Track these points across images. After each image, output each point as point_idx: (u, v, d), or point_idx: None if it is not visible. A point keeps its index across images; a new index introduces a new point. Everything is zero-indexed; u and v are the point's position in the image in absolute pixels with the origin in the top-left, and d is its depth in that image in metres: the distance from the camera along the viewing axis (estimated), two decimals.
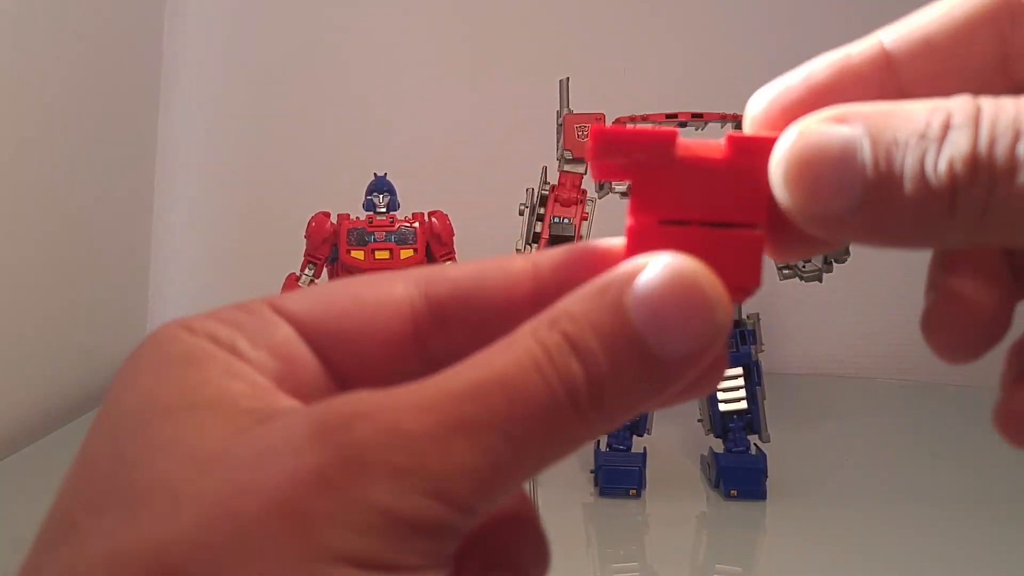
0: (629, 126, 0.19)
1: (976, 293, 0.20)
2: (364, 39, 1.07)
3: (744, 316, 0.70)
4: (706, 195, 0.20)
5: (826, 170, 0.17)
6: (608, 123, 0.71)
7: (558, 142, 0.72)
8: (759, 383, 0.69)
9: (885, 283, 1.00)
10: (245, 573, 0.16)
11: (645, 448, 0.69)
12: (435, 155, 1.04)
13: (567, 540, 0.63)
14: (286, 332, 0.20)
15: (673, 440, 0.77)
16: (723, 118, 0.70)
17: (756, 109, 0.20)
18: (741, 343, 0.69)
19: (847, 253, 0.69)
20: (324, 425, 0.17)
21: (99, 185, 0.94)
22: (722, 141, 0.20)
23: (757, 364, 0.69)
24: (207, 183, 1.09)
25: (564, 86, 0.72)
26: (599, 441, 0.69)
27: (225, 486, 0.16)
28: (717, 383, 0.20)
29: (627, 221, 0.20)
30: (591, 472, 0.70)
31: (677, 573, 0.61)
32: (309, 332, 0.20)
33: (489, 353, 0.18)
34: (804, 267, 0.69)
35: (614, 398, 0.17)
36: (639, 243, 0.20)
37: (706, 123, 0.70)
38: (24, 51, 0.78)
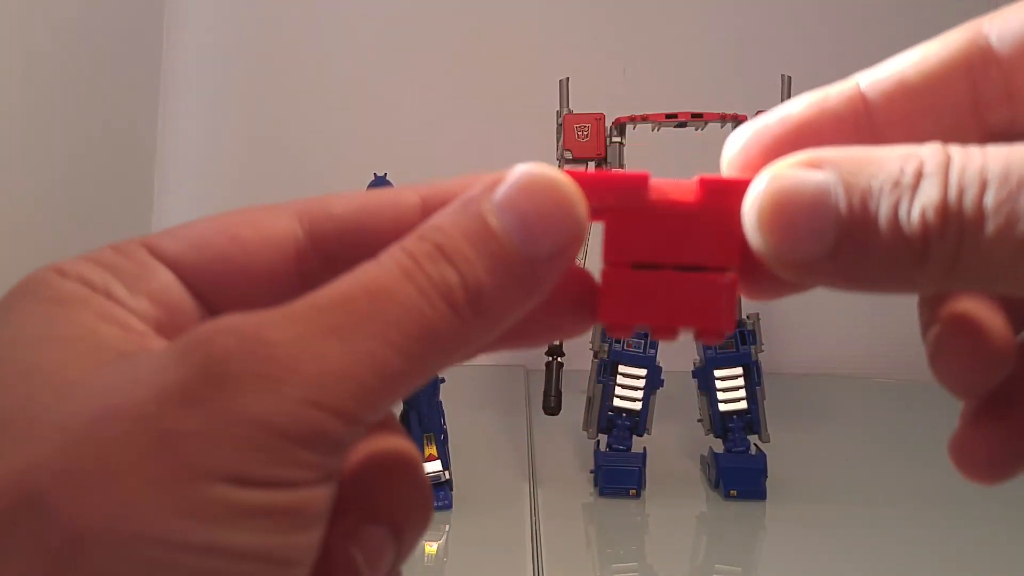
0: (600, 170, 0.19)
1: (984, 320, 0.20)
2: (363, 39, 1.07)
3: (744, 316, 0.70)
4: (679, 238, 0.20)
5: (800, 215, 0.17)
6: (608, 123, 0.71)
7: (558, 142, 0.72)
8: (759, 383, 0.69)
9: None
10: (111, 498, 0.15)
11: (645, 448, 0.69)
12: (435, 155, 1.04)
13: (567, 540, 0.63)
14: (165, 278, 0.20)
15: (673, 440, 0.77)
16: (723, 118, 0.70)
17: (733, 149, 0.20)
18: (741, 343, 0.69)
19: None
20: (187, 344, 0.16)
21: (98, 185, 0.93)
22: (694, 182, 0.20)
23: (757, 364, 0.69)
24: (206, 184, 1.09)
25: (564, 86, 0.72)
26: (599, 441, 0.69)
27: (88, 410, 0.16)
28: (587, 326, 0.20)
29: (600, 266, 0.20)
30: (591, 472, 0.70)
31: (677, 573, 0.61)
32: (188, 275, 0.20)
33: (357, 268, 0.18)
34: None
35: (492, 299, 0.18)
36: (612, 288, 0.20)
37: (706, 123, 0.70)
38: (21, 50, 0.78)
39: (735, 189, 0.19)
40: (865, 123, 0.20)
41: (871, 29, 1.02)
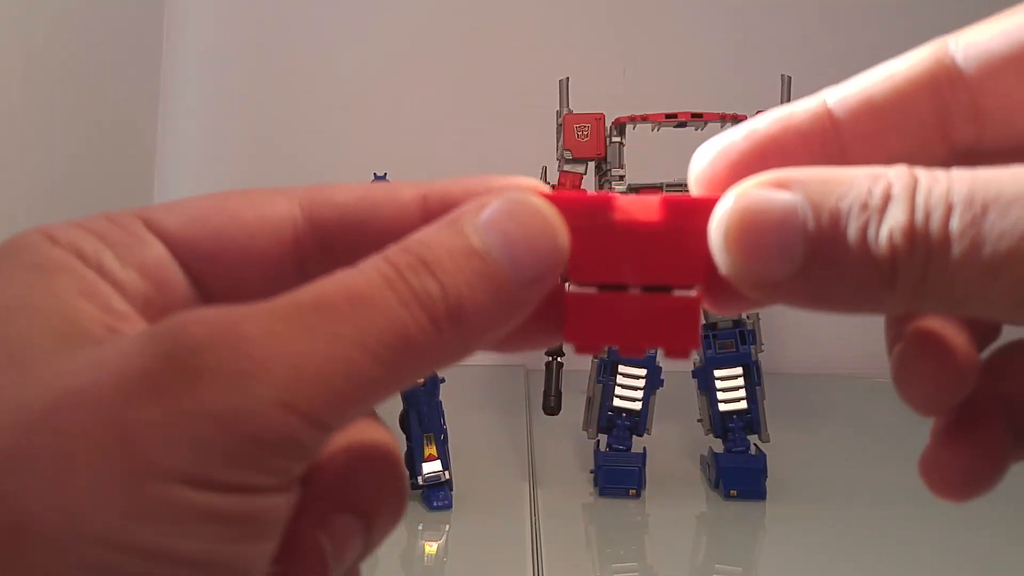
0: (568, 190, 0.20)
1: (947, 339, 0.20)
2: (364, 39, 1.07)
3: (744, 316, 0.70)
4: (643, 258, 0.20)
5: (767, 236, 0.17)
6: (608, 123, 0.70)
7: (558, 142, 0.72)
8: (759, 383, 0.69)
9: None
10: (59, 491, 0.14)
11: (645, 448, 0.68)
12: (435, 155, 1.04)
13: (567, 541, 0.63)
14: (158, 252, 0.19)
15: (673, 440, 0.77)
16: (723, 118, 0.70)
17: (699, 165, 0.20)
18: (741, 343, 0.69)
19: None
20: (158, 331, 0.16)
21: (97, 185, 0.93)
22: (657, 201, 0.20)
23: (757, 364, 0.69)
24: (206, 184, 1.09)
25: (564, 86, 0.72)
26: (598, 441, 0.69)
27: (49, 392, 0.15)
28: (557, 340, 0.21)
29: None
30: (591, 472, 0.70)
31: (677, 573, 0.61)
32: (182, 251, 0.20)
33: (338, 273, 0.17)
34: None
35: (472, 315, 0.17)
36: (577, 310, 0.20)
37: (706, 123, 0.70)
38: (21, 50, 0.78)
39: (698, 208, 0.19)
40: (832, 140, 0.20)
41: (871, 29, 1.02)
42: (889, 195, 0.17)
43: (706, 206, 0.19)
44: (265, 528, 0.16)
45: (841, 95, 0.20)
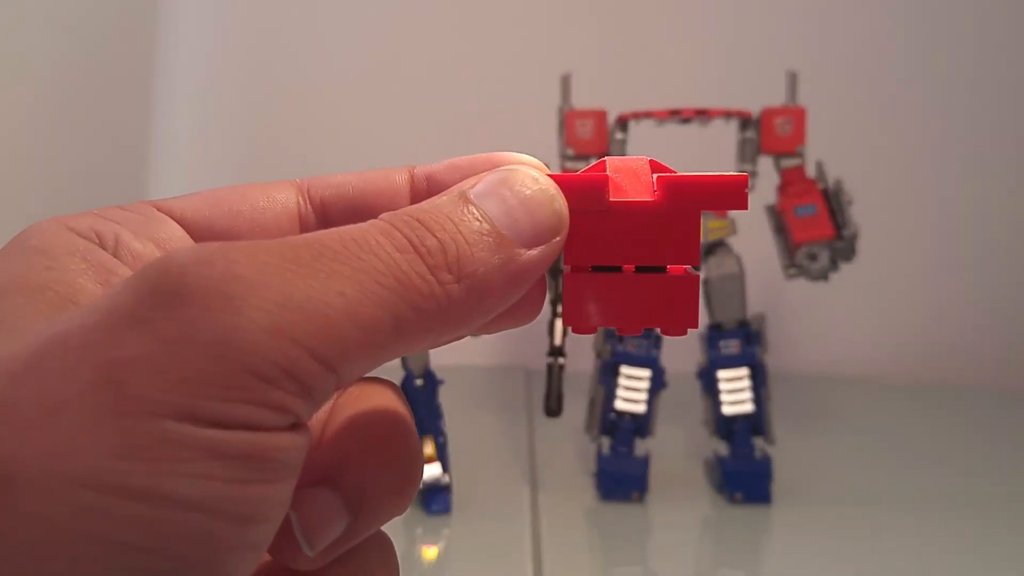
0: (562, 172, 0.20)
1: None
2: (361, 37, 1.06)
3: (749, 317, 0.69)
4: (639, 239, 0.20)
5: None
6: (611, 119, 0.69)
7: (559, 139, 0.71)
8: (765, 385, 0.68)
9: (892, 283, 0.99)
10: (47, 434, 0.14)
11: (648, 451, 0.67)
12: (435, 152, 1.02)
13: (568, 545, 0.62)
14: (172, 228, 0.20)
15: (677, 443, 0.76)
16: (727, 114, 0.68)
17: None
18: (746, 343, 0.68)
19: (853, 252, 0.68)
20: (144, 268, 0.15)
21: (89, 187, 0.92)
22: (653, 180, 0.20)
23: (763, 365, 0.68)
24: (198, 185, 1.08)
25: (566, 82, 0.71)
26: (601, 444, 0.68)
27: (35, 342, 0.14)
28: (537, 312, 0.21)
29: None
30: (593, 476, 0.69)
31: None
32: (196, 230, 0.20)
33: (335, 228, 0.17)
34: (811, 267, 0.68)
35: (476, 271, 0.17)
36: (574, 291, 0.20)
37: (710, 119, 0.69)
38: (14, 50, 0.77)
39: (693, 186, 0.19)
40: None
41: (877, 25, 1.00)
42: None
43: (701, 184, 0.19)
44: (270, 470, 0.15)
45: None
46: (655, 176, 0.20)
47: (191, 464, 0.14)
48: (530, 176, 0.19)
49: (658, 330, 0.20)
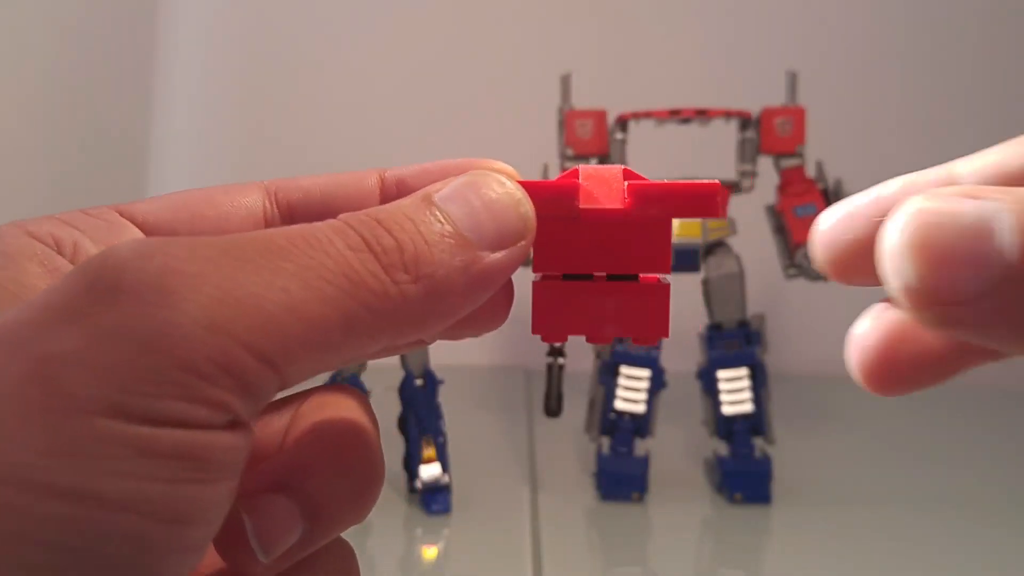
0: (562, 172, 0.19)
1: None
2: (361, 36, 1.06)
3: (749, 316, 0.69)
4: (610, 247, 0.20)
5: (958, 242, 0.15)
6: (610, 119, 0.69)
7: (559, 139, 0.70)
8: (764, 385, 0.68)
9: None
10: None
11: (648, 451, 0.67)
12: (435, 151, 1.03)
13: (568, 546, 0.62)
14: (133, 234, 0.19)
15: (677, 443, 0.76)
16: (727, 114, 0.68)
17: (824, 228, 0.19)
18: (746, 343, 0.67)
19: None
20: (84, 263, 0.15)
21: (89, 186, 0.92)
22: (623, 187, 0.19)
23: (762, 365, 0.68)
24: (198, 184, 1.08)
25: (566, 82, 0.71)
26: (601, 444, 0.68)
27: None
28: (501, 322, 0.21)
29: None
30: (593, 476, 0.69)
31: None
32: (158, 235, 0.20)
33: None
34: (810, 267, 0.68)
35: (434, 272, 0.17)
36: (543, 299, 0.20)
37: (710, 119, 0.69)
38: (13, 48, 0.77)
39: (665, 194, 0.19)
40: None
41: (877, 26, 1.00)
42: None
43: (673, 191, 0.19)
44: (205, 469, 0.14)
45: (973, 167, 0.19)
46: (626, 184, 0.19)
47: (121, 462, 0.13)
48: (497, 180, 0.19)
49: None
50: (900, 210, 0.16)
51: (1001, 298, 0.15)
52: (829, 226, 0.19)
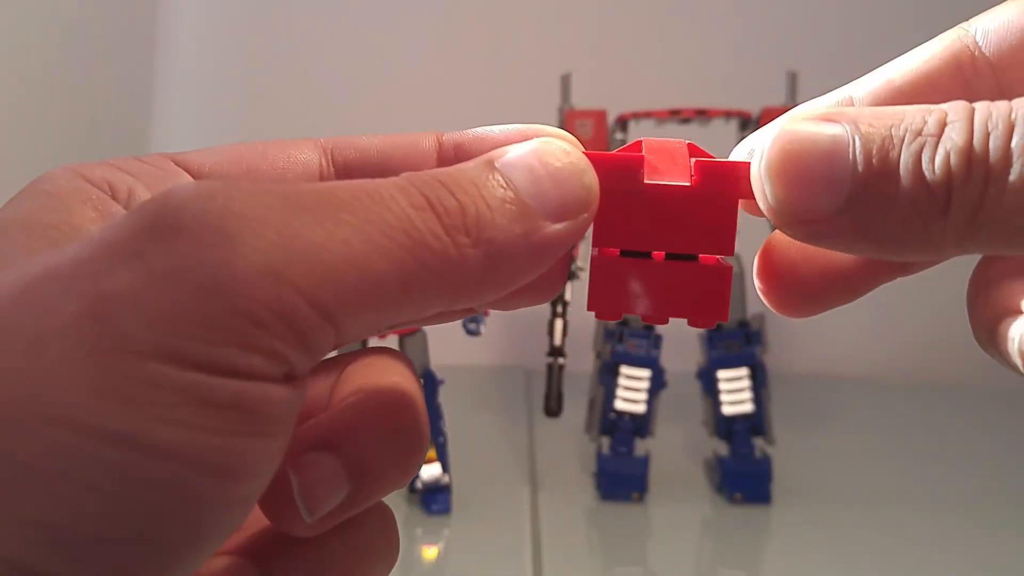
0: (598, 151, 0.19)
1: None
2: (362, 33, 1.06)
3: (749, 316, 0.69)
4: (672, 224, 0.19)
5: (813, 165, 0.17)
6: (610, 119, 0.69)
7: None
8: (764, 385, 0.68)
9: (892, 283, 0.99)
10: (25, 369, 0.13)
11: (648, 451, 0.67)
12: None
13: (568, 546, 0.62)
14: (188, 181, 0.19)
15: (677, 443, 0.76)
16: (727, 114, 0.68)
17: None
18: (746, 344, 0.67)
19: None
20: (144, 202, 0.14)
21: None
22: (691, 164, 0.19)
23: (762, 365, 0.68)
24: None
25: (566, 82, 0.71)
26: (601, 444, 0.68)
27: (27, 275, 0.14)
28: (557, 290, 0.20)
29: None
30: (593, 476, 0.69)
31: None
32: None
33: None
34: None
35: (496, 237, 0.16)
36: (601, 276, 0.19)
37: (710, 119, 0.69)
38: (13, 43, 0.77)
39: (733, 173, 0.18)
40: None
41: (877, 25, 1.00)
42: (945, 122, 0.16)
43: (741, 171, 0.18)
44: (261, 423, 0.14)
45: (867, 86, 0.20)
46: (693, 160, 0.19)
47: (172, 409, 0.13)
48: (562, 148, 0.18)
49: (686, 320, 0.20)
50: (764, 135, 0.17)
51: (855, 213, 0.16)
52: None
